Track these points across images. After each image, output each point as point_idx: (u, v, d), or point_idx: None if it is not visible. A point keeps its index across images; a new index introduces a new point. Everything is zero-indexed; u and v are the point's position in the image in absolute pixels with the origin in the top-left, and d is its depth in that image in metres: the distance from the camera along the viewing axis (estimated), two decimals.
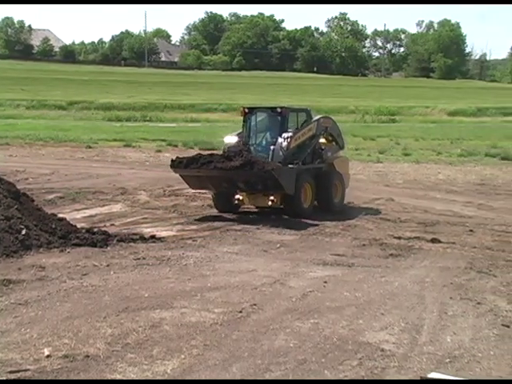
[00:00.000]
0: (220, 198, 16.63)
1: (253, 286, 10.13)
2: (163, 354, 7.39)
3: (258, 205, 16.71)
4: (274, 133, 16.80)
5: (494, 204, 18.91)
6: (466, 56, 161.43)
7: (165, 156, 29.69)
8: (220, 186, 16.01)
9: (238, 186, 15.86)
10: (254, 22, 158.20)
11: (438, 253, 12.81)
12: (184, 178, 16.37)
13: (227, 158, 15.43)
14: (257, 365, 7.18)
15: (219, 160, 15.45)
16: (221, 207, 16.65)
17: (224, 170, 15.21)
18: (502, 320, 8.80)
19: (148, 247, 12.51)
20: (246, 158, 15.25)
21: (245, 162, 15.12)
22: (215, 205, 16.76)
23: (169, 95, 70.24)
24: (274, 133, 16.80)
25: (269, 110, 17.39)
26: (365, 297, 9.75)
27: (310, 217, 15.97)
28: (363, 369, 7.15)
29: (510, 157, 30.62)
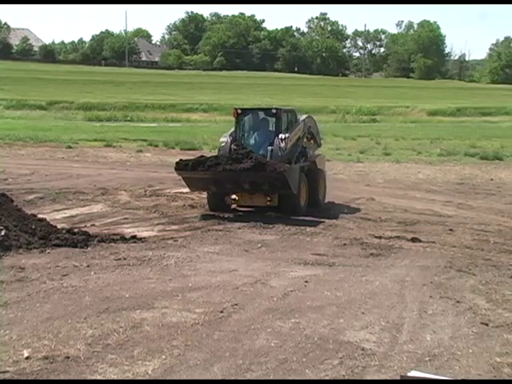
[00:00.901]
0: (214, 198, 16.57)
1: (234, 286, 10.13)
2: (144, 354, 7.38)
3: (254, 204, 16.69)
4: (269, 133, 16.98)
5: (473, 203, 19.05)
6: (446, 56, 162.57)
7: (146, 156, 29.63)
8: (223, 187, 16.04)
9: (242, 187, 15.90)
10: (235, 21, 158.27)
11: (418, 252, 12.89)
12: (186, 179, 16.20)
13: (235, 160, 15.53)
14: (238, 365, 7.18)
15: (227, 162, 15.53)
16: (215, 207, 16.57)
17: (234, 171, 15.31)
18: (480, 318, 8.87)
19: (129, 247, 12.47)
20: (257, 160, 15.44)
21: (255, 163, 15.28)
22: (209, 205, 16.69)
23: (149, 95, 70.01)
24: (269, 133, 16.98)
25: (263, 111, 17.59)
26: (345, 296, 9.79)
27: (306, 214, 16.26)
28: (344, 368, 7.18)
29: (488, 156, 30.86)
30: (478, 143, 37.19)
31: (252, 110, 17.93)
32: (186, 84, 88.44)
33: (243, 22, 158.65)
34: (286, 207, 16.30)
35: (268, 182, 15.55)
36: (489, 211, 17.79)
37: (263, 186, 15.74)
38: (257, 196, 16.38)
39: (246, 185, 15.78)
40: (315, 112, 58.80)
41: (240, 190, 16.21)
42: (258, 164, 15.33)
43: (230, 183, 15.80)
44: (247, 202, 16.63)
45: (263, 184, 15.68)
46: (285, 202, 16.26)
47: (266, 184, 15.63)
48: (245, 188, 15.96)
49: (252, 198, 16.45)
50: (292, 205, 16.25)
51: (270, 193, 16.14)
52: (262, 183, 15.66)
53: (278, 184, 15.46)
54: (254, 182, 15.63)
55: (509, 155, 31.98)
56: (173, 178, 22.73)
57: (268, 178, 15.43)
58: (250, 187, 15.88)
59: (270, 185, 15.63)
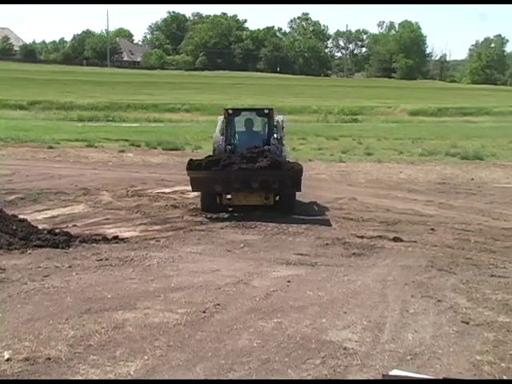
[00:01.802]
0: (209, 199, 16.45)
1: (216, 286, 10.13)
2: (126, 355, 7.36)
3: (250, 203, 16.56)
4: (261, 133, 17.16)
5: (454, 203, 19.17)
6: (427, 57, 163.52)
7: (128, 156, 29.51)
8: (230, 187, 15.97)
9: (251, 186, 15.86)
10: (217, 21, 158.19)
11: (399, 251, 12.94)
12: (194, 179, 15.86)
13: (250, 159, 15.67)
14: (220, 365, 7.19)
15: (241, 161, 15.64)
16: (208, 207, 16.43)
17: (251, 170, 15.43)
18: (461, 317, 8.94)
19: (111, 248, 12.42)
20: (273, 159, 15.71)
21: (272, 162, 15.55)
22: (202, 206, 16.54)
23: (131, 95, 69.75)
24: (261, 133, 17.16)
25: (254, 111, 17.75)
26: (328, 296, 9.82)
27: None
28: (326, 367, 7.21)
29: (469, 156, 31.05)
30: (458, 143, 37.40)
31: (243, 110, 18.04)
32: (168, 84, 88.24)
33: (225, 22, 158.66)
34: (284, 205, 16.41)
35: (279, 181, 15.69)
36: (470, 211, 17.91)
37: (274, 184, 15.81)
38: (252, 195, 16.32)
39: (255, 184, 15.77)
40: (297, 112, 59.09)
41: (247, 190, 16.12)
42: (275, 163, 15.63)
43: (239, 183, 15.77)
44: (242, 202, 16.52)
45: (274, 183, 15.75)
46: (283, 201, 16.40)
47: (276, 182, 15.75)
48: (253, 187, 15.92)
49: (247, 197, 16.35)
50: (289, 203, 16.43)
51: (277, 191, 16.23)
52: (273, 182, 15.74)
53: (288, 182, 15.68)
54: (265, 180, 15.68)
55: (489, 155, 32.20)
56: (155, 178, 22.72)
57: (282, 177, 15.63)
58: (259, 186, 15.87)
59: (280, 183, 15.76)
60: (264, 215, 15.77)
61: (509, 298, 9.85)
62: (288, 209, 16.40)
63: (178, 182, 21.31)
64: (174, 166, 25.80)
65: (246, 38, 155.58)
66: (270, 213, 15.98)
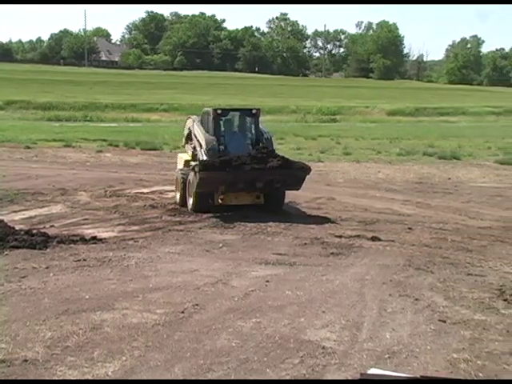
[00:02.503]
0: (204, 199, 16.40)
1: (195, 286, 10.12)
2: (104, 356, 7.33)
3: (241, 203, 16.70)
4: (248, 133, 17.29)
5: (431, 202, 19.29)
6: (404, 57, 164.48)
7: (106, 156, 29.37)
8: (235, 187, 16.11)
9: (255, 186, 16.09)
10: (195, 21, 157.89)
11: (377, 251, 13.01)
12: (205, 179, 15.71)
13: (260, 159, 15.96)
14: (199, 365, 7.18)
15: (252, 161, 15.85)
16: (201, 208, 16.37)
17: (263, 170, 15.74)
18: (438, 315, 9.01)
19: (89, 248, 12.37)
20: (283, 158, 16.24)
21: (283, 162, 16.05)
22: (196, 206, 16.43)
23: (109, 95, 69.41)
24: (248, 133, 17.29)
25: (241, 111, 17.84)
26: (306, 295, 9.84)
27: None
28: (304, 367, 7.23)
29: (446, 156, 31.27)
30: (436, 143, 37.67)
31: (231, 111, 18.10)
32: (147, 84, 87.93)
33: (203, 22, 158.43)
34: (274, 204, 16.75)
35: (283, 180, 16.06)
36: (447, 210, 18.04)
37: (276, 183, 16.12)
38: (243, 195, 16.54)
39: (259, 184, 16.02)
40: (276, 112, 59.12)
41: (251, 190, 16.35)
42: (286, 162, 16.14)
43: (245, 183, 15.97)
44: (233, 202, 16.64)
45: (278, 182, 16.06)
46: (274, 200, 16.73)
47: (279, 182, 16.07)
48: (257, 187, 16.18)
49: (238, 196, 16.55)
50: (280, 202, 16.88)
51: (278, 190, 16.59)
52: (276, 181, 16.02)
53: (291, 181, 16.25)
54: (270, 180, 15.97)
55: (466, 155, 32.45)
56: (133, 178, 22.64)
57: (291, 176, 16.10)
58: (264, 185, 16.13)
59: (283, 182, 16.18)
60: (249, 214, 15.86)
61: (485, 296, 9.94)
62: (278, 207, 16.77)
63: (156, 182, 21.25)
64: (152, 166, 25.73)
65: (224, 38, 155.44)
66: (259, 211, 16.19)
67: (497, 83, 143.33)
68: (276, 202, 16.87)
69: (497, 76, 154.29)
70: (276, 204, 16.84)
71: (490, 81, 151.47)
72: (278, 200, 16.89)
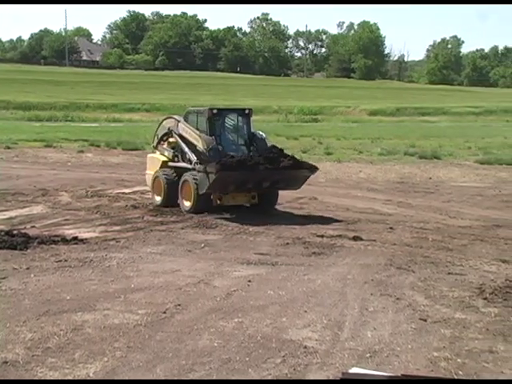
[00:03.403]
0: (206, 200, 16.29)
1: (177, 287, 10.10)
2: (85, 357, 7.29)
3: (238, 203, 16.88)
4: (242, 133, 17.33)
5: (412, 202, 19.40)
6: (385, 57, 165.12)
7: (87, 156, 29.27)
8: (243, 187, 16.26)
9: (261, 185, 16.28)
10: (177, 21, 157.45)
11: (359, 250, 13.05)
12: (220, 179, 15.64)
13: (272, 159, 16.08)
14: (181, 365, 7.17)
15: (263, 162, 15.92)
16: (202, 209, 16.25)
17: (275, 170, 15.94)
18: (419, 314, 9.06)
19: (70, 249, 12.31)
20: (294, 158, 16.63)
21: (294, 162, 16.39)
22: (196, 206, 16.27)
23: (91, 95, 69.14)
24: (242, 133, 17.33)
25: (235, 111, 17.85)
26: (288, 295, 9.86)
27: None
28: (286, 366, 7.24)
29: (427, 155, 31.48)
30: (417, 143, 37.90)
31: (225, 111, 18.05)
32: (128, 84, 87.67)
33: (185, 22, 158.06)
34: (267, 204, 17.03)
35: (287, 180, 16.42)
36: (427, 209, 18.15)
37: (282, 183, 16.47)
38: (240, 195, 16.71)
39: (266, 183, 16.21)
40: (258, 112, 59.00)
41: (257, 189, 16.54)
42: (297, 162, 16.53)
43: (253, 183, 16.10)
44: (230, 202, 16.77)
45: (283, 181, 16.39)
46: (267, 200, 17.01)
47: (285, 181, 16.42)
48: (263, 187, 16.36)
49: (235, 197, 16.69)
50: (273, 202, 17.21)
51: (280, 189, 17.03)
52: (281, 180, 16.32)
53: (294, 181, 16.63)
54: (277, 180, 16.21)
55: (446, 154, 32.69)
56: (115, 178, 22.57)
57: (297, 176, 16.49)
58: (270, 185, 16.35)
59: (287, 182, 16.54)
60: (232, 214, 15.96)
61: (465, 295, 10.01)
62: (271, 207, 17.11)
63: (138, 182, 21.20)
64: (134, 166, 25.66)
65: (206, 38, 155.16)
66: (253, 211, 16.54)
67: (477, 83, 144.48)
68: (269, 202, 17.11)
69: (476, 76, 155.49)
70: (269, 204, 17.10)
71: (470, 81, 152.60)
72: (271, 200, 17.14)
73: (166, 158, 17.95)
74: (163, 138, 18.33)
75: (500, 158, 30.52)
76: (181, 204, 16.78)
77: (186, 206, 16.57)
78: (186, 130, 17.24)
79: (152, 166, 18.27)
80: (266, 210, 16.79)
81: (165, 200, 17.17)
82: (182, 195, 16.74)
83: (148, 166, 18.63)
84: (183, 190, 16.70)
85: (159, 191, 17.49)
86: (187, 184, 16.50)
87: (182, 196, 16.74)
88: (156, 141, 18.68)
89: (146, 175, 18.65)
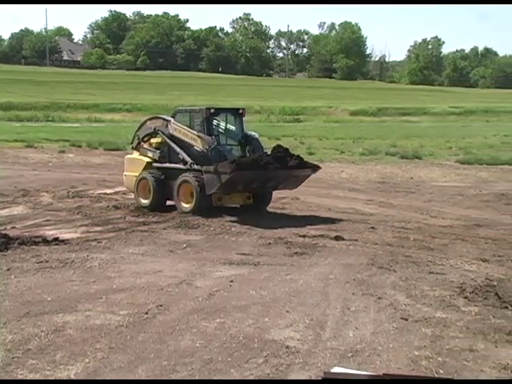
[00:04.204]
0: (208, 201, 16.14)
1: (159, 287, 10.08)
2: (67, 358, 7.26)
3: (235, 203, 16.97)
4: (236, 133, 17.32)
5: (393, 201, 19.49)
6: (367, 57, 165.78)
7: (68, 157, 29.14)
8: (249, 186, 16.24)
9: (266, 185, 16.36)
10: (158, 21, 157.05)
11: (341, 250, 13.09)
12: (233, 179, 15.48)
13: (279, 159, 16.16)
14: (163, 366, 7.16)
15: (273, 161, 15.98)
16: (203, 209, 16.08)
17: (285, 169, 16.04)
18: (400, 314, 9.10)
19: (51, 250, 12.24)
20: (299, 158, 16.70)
21: (300, 161, 16.48)
22: (198, 207, 16.08)
23: (72, 95, 68.80)
24: (236, 133, 17.32)
25: (229, 111, 17.81)
26: (270, 295, 9.87)
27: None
28: (269, 366, 7.24)
29: (408, 155, 31.65)
30: (398, 143, 38.10)
31: (220, 110, 17.83)
32: (109, 84, 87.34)
33: (167, 22, 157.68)
34: (261, 204, 17.15)
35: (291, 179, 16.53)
36: (409, 209, 18.24)
37: (283, 183, 16.57)
38: (236, 196, 16.74)
39: (272, 183, 16.32)
40: None
41: (261, 189, 16.63)
42: (302, 161, 16.61)
43: (259, 182, 16.11)
44: (228, 202, 16.84)
45: (285, 180, 16.48)
46: (261, 200, 17.12)
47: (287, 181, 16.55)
48: (267, 186, 16.47)
49: (233, 197, 16.73)
50: (267, 202, 17.32)
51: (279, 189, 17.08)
52: (284, 179, 16.43)
53: (295, 181, 16.76)
54: (281, 179, 16.34)
55: (427, 154, 32.88)
56: (96, 178, 22.49)
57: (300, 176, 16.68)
58: (275, 184, 16.48)
59: (289, 181, 16.67)
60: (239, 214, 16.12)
61: (446, 294, 10.07)
62: (264, 207, 17.23)
63: (119, 182, 21.10)
64: (115, 167, 25.56)
65: (187, 38, 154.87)
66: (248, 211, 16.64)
67: (457, 84, 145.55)
68: (263, 202, 17.22)
69: (457, 77, 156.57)
70: (263, 204, 17.21)
71: (451, 81, 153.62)
72: (266, 200, 17.24)
73: (150, 159, 17.64)
74: (144, 138, 18.01)
75: (480, 158, 30.76)
76: (178, 205, 16.48)
77: (185, 207, 16.31)
78: (179, 130, 16.92)
79: (133, 168, 17.89)
80: (259, 209, 16.88)
81: (153, 202, 16.92)
82: (178, 197, 16.44)
83: (127, 168, 18.25)
84: (181, 191, 16.41)
85: (145, 193, 17.19)
86: (187, 185, 16.22)
87: (178, 197, 16.44)
88: (136, 141, 18.28)
89: (125, 177, 18.24)
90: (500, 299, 9.75)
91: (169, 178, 16.97)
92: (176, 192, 16.48)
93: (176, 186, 16.45)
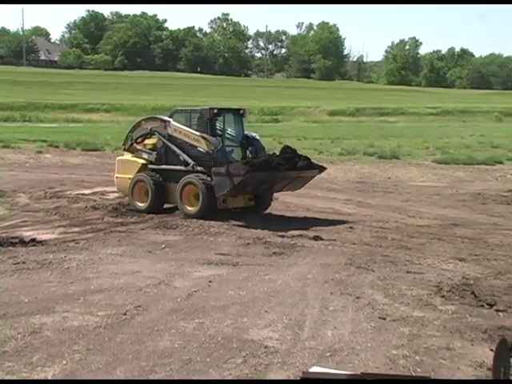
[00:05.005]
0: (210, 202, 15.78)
1: (137, 288, 10.05)
2: (44, 360, 7.21)
3: (237, 206, 16.83)
4: (237, 133, 17.09)
5: (372, 201, 19.59)
6: (345, 58, 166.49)
7: (46, 157, 28.94)
8: (259, 188, 16.11)
9: (273, 186, 16.25)
10: (136, 21, 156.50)
11: (319, 250, 13.13)
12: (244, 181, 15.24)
13: (289, 159, 16.09)
14: (141, 367, 7.14)
15: (283, 162, 15.87)
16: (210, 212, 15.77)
17: (294, 170, 15.95)
18: (378, 313, 9.15)
19: (28, 251, 12.16)
20: (307, 158, 16.67)
21: (308, 162, 16.46)
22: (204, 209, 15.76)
23: (49, 95, 68.30)
24: (237, 133, 17.09)
25: (231, 111, 17.48)
26: (249, 295, 9.88)
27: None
28: (247, 366, 7.25)
29: (386, 155, 31.81)
30: (376, 143, 38.25)
31: (225, 110, 17.39)
32: (87, 84, 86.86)
33: (145, 22, 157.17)
34: (264, 206, 17.10)
35: (298, 180, 16.44)
36: (387, 209, 18.33)
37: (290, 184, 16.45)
38: (239, 198, 16.57)
39: (279, 185, 16.23)
40: None
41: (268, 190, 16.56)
42: (310, 162, 16.58)
43: (268, 183, 16.00)
44: (231, 205, 16.63)
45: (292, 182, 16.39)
46: (264, 201, 17.02)
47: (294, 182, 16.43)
48: (274, 188, 16.38)
49: (235, 200, 16.54)
50: (268, 203, 17.19)
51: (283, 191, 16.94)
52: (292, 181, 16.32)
53: (302, 182, 16.70)
54: (287, 181, 16.21)
55: (405, 154, 33.06)
56: (74, 179, 22.35)
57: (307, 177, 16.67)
58: (280, 185, 16.34)
59: (295, 183, 16.53)
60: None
61: (423, 293, 10.15)
62: (265, 209, 17.13)
63: (97, 183, 21.03)
64: (93, 167, 25.47)
65: (165, 38, 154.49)
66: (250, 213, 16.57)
67: (434, 84, 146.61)
68: (264, 204, 17.10)
69: (434, 77, 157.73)
70: (264, 206, 17.10)
71: (428, 82, 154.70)
72: (267, 202, 17.12)
73: (146, 160, 17.17)
74: (138, 139, 17.44)
75: (457, 158, 30.99)
76: (181, 209, 16.10)
77: (190, 210, 15.95)
78: (179, 130, 16.50)
79: (126, 170, 17.32)
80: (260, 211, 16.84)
81: (151, 205, 16.53)
82: (181, 199, 16.05)
83: (120, 170, 17.62)
84: (184, 193, 16.04)
85: (142, 196, 16.79)
86: (192, 187, 15.89)
87: (181, 200, 16.05)
88: (129, 142, 17.66)
89: (118, 179, 17.66)
90: (476, 298, 9.85)
91: (167, 180, 16.63)
92: (179, 194, 16.06)
93: (178, 188, 16.05)
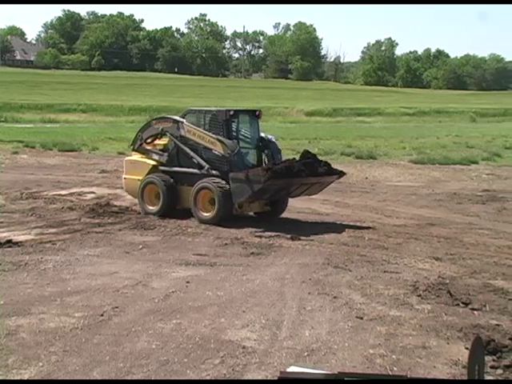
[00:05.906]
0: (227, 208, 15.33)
1: (114, 289, 10.02)
2: (19, 362, 7.17)
3: (253, 211, 16.50)
4: (252, 136, 16.61)
5: (349, 201, 19.66)
6: (322, 58, 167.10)
7: (22, 158, 28.66)
8: (277, 194, 15.71)
9: (292, 191, 15.82)
10: (113, 21, 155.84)
11: (297, 250, 13.16)
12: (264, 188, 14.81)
13: (309, 165, 15.69)
14: (118, 368, 7.12)
15: (304, 168, 15.49)
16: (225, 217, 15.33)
17: (315, 176, 15.61)
18: (356, 312, 9.20)
19: (4, 252, 12.06)
20: (327, 163, 16.27)
21: (329, 167, 16.09)
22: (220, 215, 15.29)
23: (25, 95, 67.69)
24: (252, 136, 16.61)
25: (246, 113, 16.94)
26: (227, 295, 9.89)
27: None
28: (225, 367, 7.26)
29: (363, 155, 31.91)
30: (353, 143, 38.37)
31: (241, 112, 16.87)
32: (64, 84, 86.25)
33: (122, 22, 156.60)
34: (280, 211, 16.71)
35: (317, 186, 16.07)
36: (364, 209, 18.42)
37: (308, 190, 16.06)
38: (255, 203, 16.10)
39: (298, 190, 15.81)
40: None
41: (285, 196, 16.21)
42: (330, 168, 16.15)
43: (287, 190, 15.64)
44: (247, 210, 16.25)
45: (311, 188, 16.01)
46: (280, 206, 16.62)
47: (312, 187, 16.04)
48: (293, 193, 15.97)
49: (251, 205, 16.12)
50: (283, 208, 16.77)
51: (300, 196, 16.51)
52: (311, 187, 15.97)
53: (320, 187, 16.28)
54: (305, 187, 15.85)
55: (382, 154, 33.20)
56: (51, 180, 22.17)
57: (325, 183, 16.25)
58: (299, 190, 15.90)
59: (314, 188, 16.14)
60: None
61: (400, 292, 10.22)
62: (279, 214, 16.73)
63: (74, 183, 20.89)
64: (70, 168, 25.29)
65: (143, 38, 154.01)
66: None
67: (410, 85, 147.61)
68: (280, 209, 16.68)
69: (410, 78, 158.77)
70: (280, 210, 16.70)
71: (404, 82, 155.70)
72: (282, 207, 16.67)
73: (156, 161, 16.65)
74: (147, 139, 16.87)
75: (433, 158, 31.18)
76: (196, 214, 15.56)
77: (205, 215, 15.45)
78: (193, 132, 15.97)
79: (136, 171, 16.76)
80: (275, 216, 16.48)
81: (163, 209, 16.01)
82: (196, 204, 15.54)
83: (128, 171, 17.09)
84: (199, 198, 15.53)
85: (152, 199, 16.30)
86: (207, 192, 15.41)
87: (196, 205, 15.55)
88: (138, 143, 17.08)
89: (126, 180, 17.17)
90: (452, 297, 9.95)
91: (179, 182, 16.21)
92: (193, 199, 15.56)
93: (193, 192, 15.57)
